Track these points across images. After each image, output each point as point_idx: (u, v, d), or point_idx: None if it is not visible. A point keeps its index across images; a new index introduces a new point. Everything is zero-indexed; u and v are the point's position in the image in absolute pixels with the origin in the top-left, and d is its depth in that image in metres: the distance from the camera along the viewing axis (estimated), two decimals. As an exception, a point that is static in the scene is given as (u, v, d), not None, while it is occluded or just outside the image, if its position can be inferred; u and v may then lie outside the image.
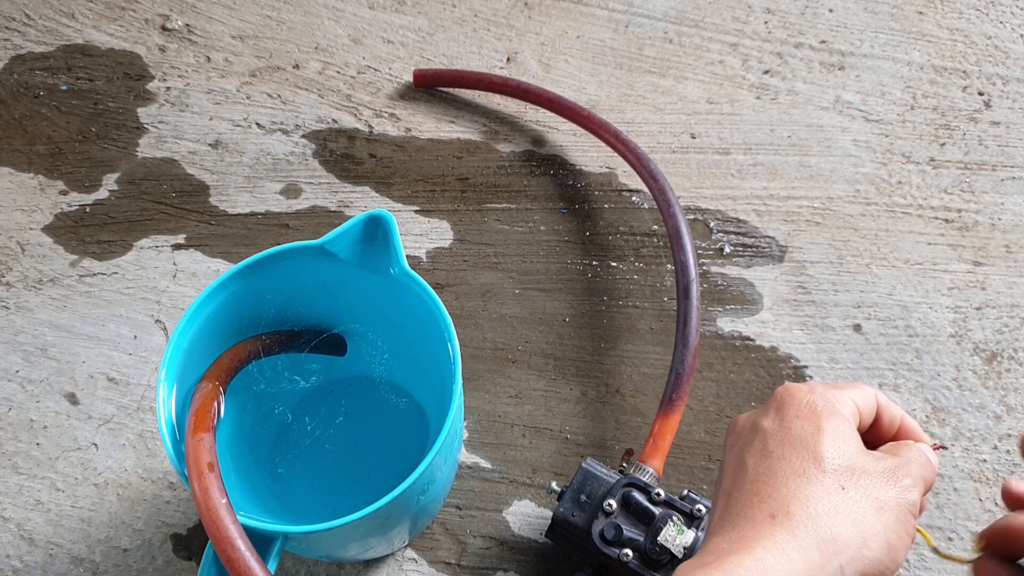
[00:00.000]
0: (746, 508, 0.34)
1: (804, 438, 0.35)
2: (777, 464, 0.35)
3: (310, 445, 0.55)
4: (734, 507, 0.34)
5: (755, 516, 0.33)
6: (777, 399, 0.38)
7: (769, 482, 0.34)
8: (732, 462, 0.37)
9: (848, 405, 0.37)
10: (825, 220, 0.66)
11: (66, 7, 0.79)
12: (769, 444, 0.36)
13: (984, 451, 0.57)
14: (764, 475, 0.35)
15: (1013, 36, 0.76)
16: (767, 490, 0.34)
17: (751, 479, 0.35)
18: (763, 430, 0.37)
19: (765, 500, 0.34)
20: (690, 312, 0.55)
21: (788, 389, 0.38)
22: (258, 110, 0.73)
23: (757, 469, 0.35)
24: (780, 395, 0.38)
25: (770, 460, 0.35)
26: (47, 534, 0.54)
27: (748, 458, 0.36)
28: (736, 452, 0.37)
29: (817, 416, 0.36)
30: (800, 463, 0.34)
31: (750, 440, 0.37)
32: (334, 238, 0.46)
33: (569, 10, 0.79)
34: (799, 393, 0.37)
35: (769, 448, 0.35)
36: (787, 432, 0.36)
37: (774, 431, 0.36)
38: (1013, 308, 0.62)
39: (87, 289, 0.64)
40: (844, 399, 0.37)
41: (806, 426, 0.36)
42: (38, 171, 0.70)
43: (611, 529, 0.46)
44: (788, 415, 0.36)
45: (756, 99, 0.73)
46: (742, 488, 0.35)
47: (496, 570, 0.53)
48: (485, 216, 0.67)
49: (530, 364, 0.60)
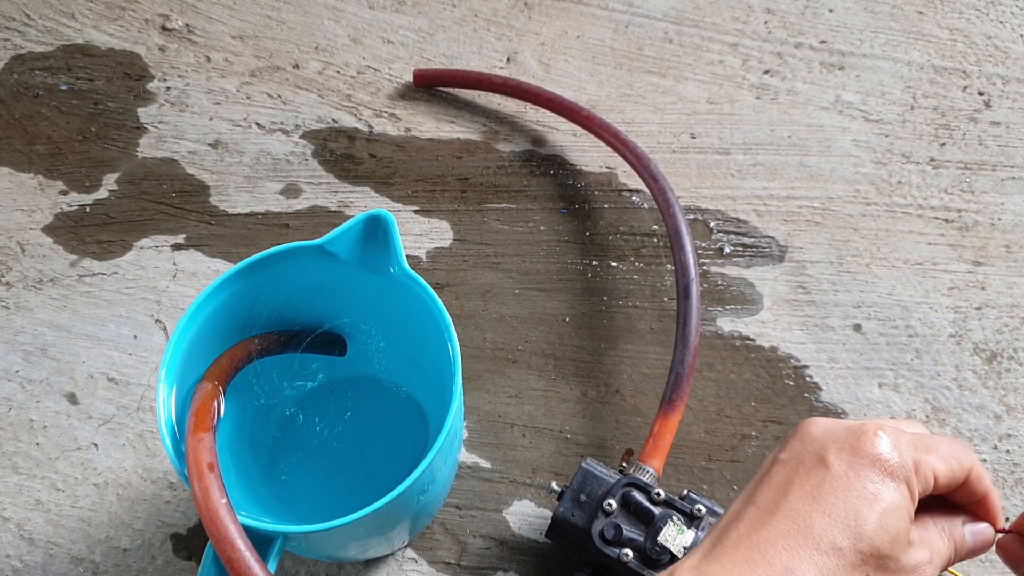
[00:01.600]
0: (769, 548, 0.32)
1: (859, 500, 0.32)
2: (819, 518, 0.32)
3: (310, 445, 0.55)
4: (759, 539, 0.32)
5: (774, 563, 0.31)
6: (860, 439, 0.33)
7: (804, 532, 0.32)
8: (781, 478, 0.34)
9: (925, 478, 0.34)
10: (825, 220, 0.66)
11: (66, 7, 0.79)
12: (824, 489, 0.32)
13: (984, 451, 0.57)
14: (802, 521, 0.32)
15: (1013, 36, 0.76)
16: (798, 539, 0.32)
17: (787, 515, 0.32)
18: (827, 467, 0.33)
19: (791, 551, 0.31)
20: (690, 312, 0.55)
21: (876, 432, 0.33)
22: (258, 110, 0.73)
23: (799, 508, 0.32)
24: (866, 436, 0.33)
25: (814, 508, 0.32)
26: (47, 534, 0.54)
27: (795, 489, 0.33)
28: (788, 467, 0.34)
29: (882, 478, 0.32)
30: (842, 530, 0.32)
31: (809, 470, 0.33)
32: (334, 238, 0.46)
33: (569, 10, 0.79)
34: (881, 444, 0.33)
35: (822, 494, 0.32)
36: (848, 486, 0.32)
37: (837, 476, 0.33)
38: (1013, 308, 0.62)
39: (87, 289, 0.64)
40: (924, 467, 0.33)
41: (868, 488, 0.32)
42: (38, 171, 0.70)
43: (611, 529, 0.46)
44: (859, 465, 0.33)
45: (756, 99, 0.73)
46: (775, 519, 0.32)
47: (496, 570, 0.53)
48: (485, 216, 0.67)
49: (530, 364, 0.60)
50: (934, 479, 0.34)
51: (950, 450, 0.35)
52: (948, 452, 0.35)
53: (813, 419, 0.36)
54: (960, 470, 0.35)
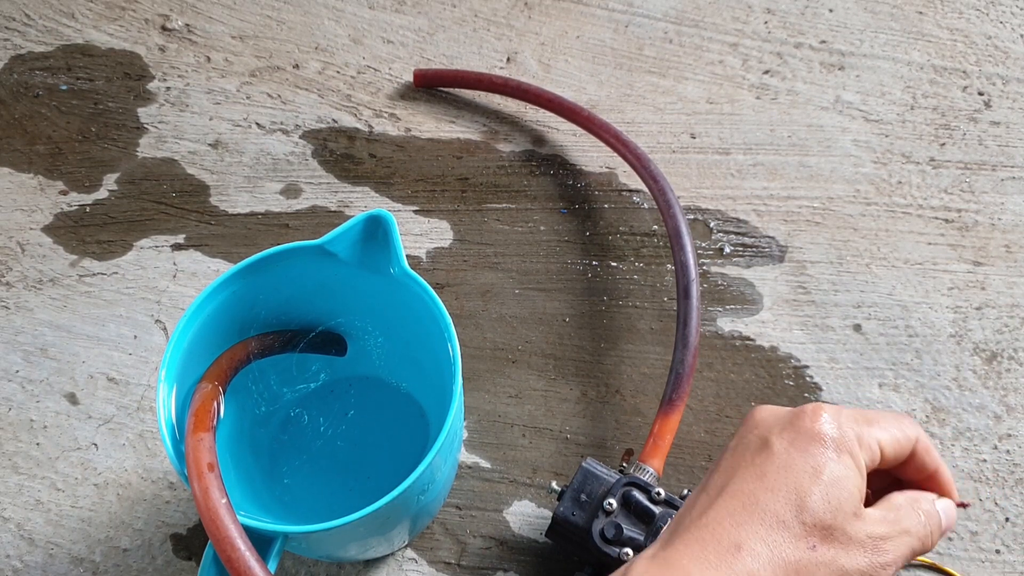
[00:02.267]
0: (717, 526, 0.33)
1: (800, 477, 0.33)
2: (763, 494, 0.33)
3: (310, 445, 0.55)
4: (708, 519, 0.33)
5: (723, 540, 0.32)
6: (799, 419, 0.35)
7: (749, 509, 0.33)
8: (728, 463, 0.35)
9: (869, 448, 0.35)
10: (825, 220, 0.66)
11: (66, 7, 0.79)
12: (767, 466, 0.34)
13: (984, 451, 0.57)
14: (748, 499, 0.33)
15: (1013, 36, 0.76)
16: (744, 516, 0.33)
17: (733, 494, 0.34)
18: (769, 447, 0.34)
19: (738, 527, 0.32)
20: (690, 312, 0.55)
21: (814, 412, 0.35)
22: (258, 110, 0.73)
23: (743, 488, 0.34)
24: (803, 416, 0.35)
25: (759, 485, 0.33)
26: (47, 534, 0.54)
27: (740, 470, 0.34)
28: (735, 454, 0.36)
29: (824, 456, 0.34)
30: (784, 503, 0.33)
31: (754, 452, 0.35)
32: (334, 238, 0.46)
33: (569, 10, 0.79)
34: (821, 421, 0.34)
35: (764, 471, 0.34)
36: (789, 462, 0.34)
37: (778, 454, 0.34)
38: (1013, 308, 0.62)
39: (87, 289, 0.64)
40: (867, 439, 0.35)
41: (809, 463, 0.33)
42: (38, 171, 0.70)
43: (611, 528, 0.46)
44: (799, 442, 0.34)
45: (756, 99, 0.73)
46: (721, 500, 0.34)
47: (496, 570, 0.53)
48: (485, 216, 0.67)
49: (530, 364, 0.60)
50: (879, 450, 0.35)
51: (893, 421, 0.36)
52: (891, 423, 0.36)
53: (759, 407, 0.37)
54: (905, 440, 0.36)
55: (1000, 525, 0.54)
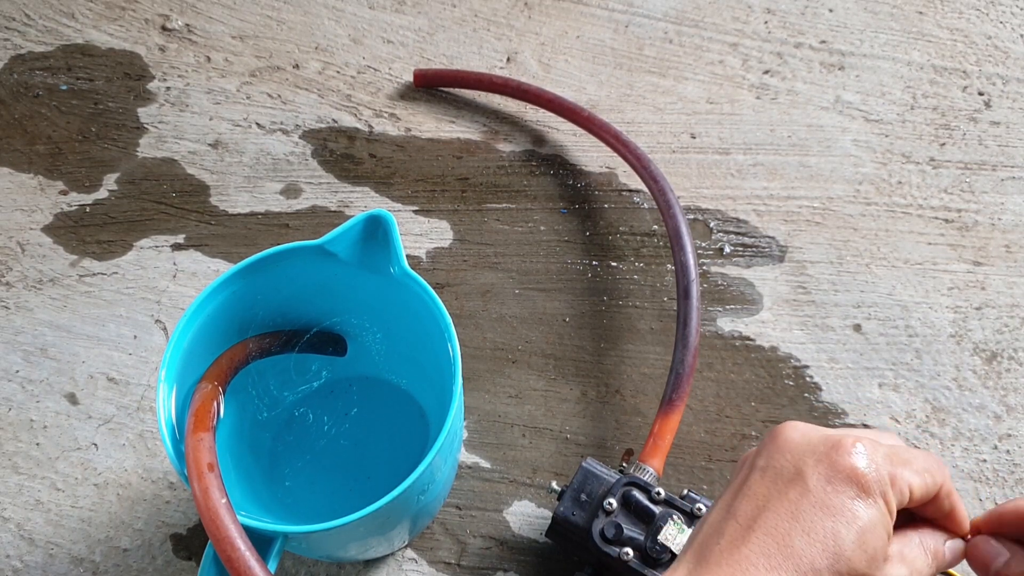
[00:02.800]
0: (750, 566, 0.32)
1: (837, 522, 0.32)
2: (799, 537, 0.32)
3: (310, 445, 0.55)
4: (742, 556, 0.32)
5: None
6: (837, 452, 0.33)
7: (783, 551, 0.32)
8: (760, 490, 0.34)
9: (901, 492, 0.33)
10: (825, 220, 0.66)
11: (66, 7, 0.79)
12: (803, 505, 0.32)
13: (984, 451, 0.57)
14: (782, 539, 0.32)
15: (1013, 36, 0.76)
16: (778, 559, 0.31)
17: (768, 532, 0.32)
18: (805, 483, 0.33)
19: (773, 570, 0.31)
20: (690, 312, 0.55)
21: (852, 446, 0.33)
22: (258, 110, 0.73)
23: (778, 526, 0.32)
24: (842, 449, 0.33)
25: (794, 525, 0.32)
26: (47, 534, 0.54)
27: (774, 504, 0.33)
28: (766, 480, 0.34)
29: (860, 499, 0.32)
30: (821, 551, 0.31)
31: (787, 484, 0.33)
32: (334, 238, 0.46)
33: (569, 10, 0.79)
34: (859, 458, 0.33)
35: (800, 511, 0.32)
36: (826, 503, 0.32)
37: (815, 492, 0.32)
38: (1013, 308, 0.62)
39: (87, 289, 0.64)
40: (900, 481, 0.33)
41: (846, 506, 0.32)
42: (38, 171, 0.70)
43: (611, 528, 0.46)
44: (837, 480, 0.32)
45: (756, 99, 0.73)
46: (754, 535, 0.32)
47: (496, 570, 0.53)
48: (485, 216, 0.67)
49: (530, 364, 0.60)
50: (910, 492, 0.34)
51: (924, 463, 0.35)
52: (922, 466, 0.35)
53: (790, 424, 0.36)
54: (933, 484, 0.35)
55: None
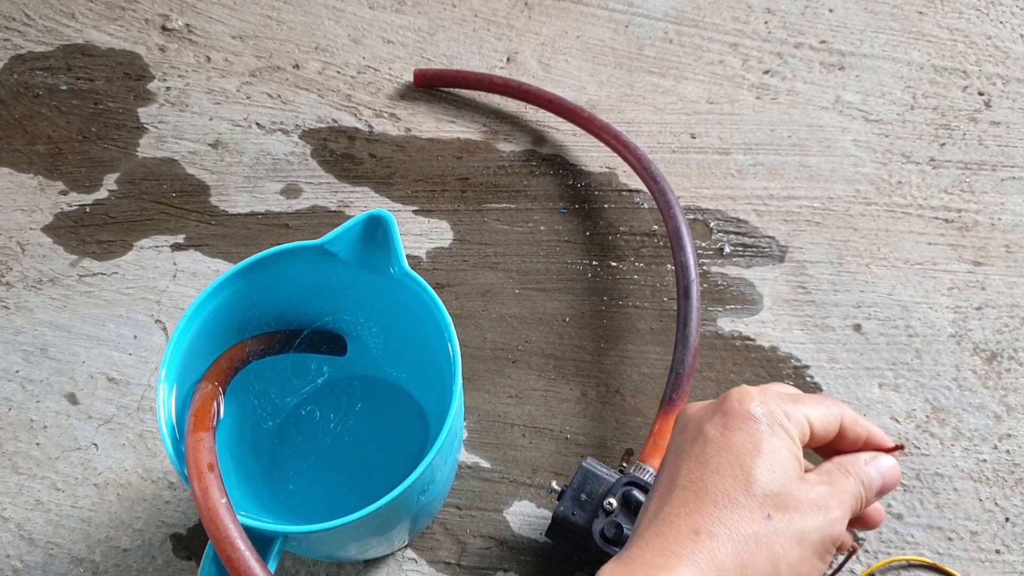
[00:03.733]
0: (674, 518, 0.34)
1: (741, 455, 0.34)
2: (710, 478, 0.34)
3: (310, 445, 0.55)
4: (664, 514, 0.34)
5: (681, 529, 0.33)
6: (726, 403, 0.36)
7: (699, 495, 0.34)
8: (671, 461, 0.36)
9: (798, 422, 0.36)
10: (825, 220, 0.66)
11: (66, 7, 0.79)
12: (707, 453, 0.35)
13: (984, 451, 0.57)
14: (696, 486, 0.34)
15: (1013, 36, 0.76)
16: (696, 503, 0.34)
17: (683, 486, 0.35)
18: (704, 435, 0.36)
19: (692, 514, 0.33)
20: (690, 312, 0.55)
21: (740, 395, 0.36)
22: (258, 110, 0.73)
23: (690, 477, 0.35)
24: (730, 400, 0.36)
25: (703, 471, 0.35)
26: (47, 534, 0.54)
27: (684, 463, 0.35)
28: (675, 451, 0.37)
29: (758, 432, 0.35)
30: (732, 482, 0.34)
31: (691, 443, 0.36)
32: (334, 238, 0.46)
33: (569, 10, 0.79)
34: (748, 402, 0.36)
35: (706, 457, 0.35)
36: (726, 444, 0.35)
37: (714, 439, 0.35)
38: (1013, 308, 0.62)
39: (87, 289, 0.64)
40: (795, 415, 0.36)
41: (746, 441, 0.35)
42: (38, 171, 0.70)
43: (612, 528, 0.46)
44: (732, 424, 0.35)
45: (756, 99, 0.73)
46: (672, 494, 0.35)
47: (496, 570, 0.53)
48: (485, 216, 0.67)
49: (530, 364, 0.60)
50: (808, 424, 0.36)
51: (817, 400, 0.37)
52: (815, 400, 0.37)
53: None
54: (831, 415, 0.37)
55: (1000, 525, 0.54)
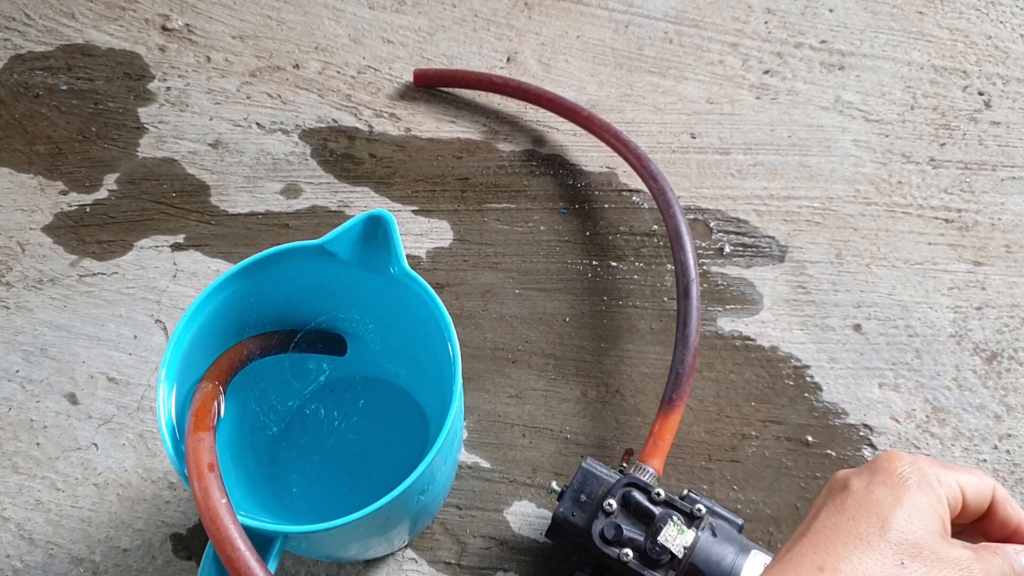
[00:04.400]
0: (800, 557, 0.34)
1: (880, 505, 0.34)
2: (845, 524, 0.34)
3: (310, 445, 0.55)
4: (792, 555, 0.34)
5: (804, 565, 0.33)
6: (875, 462, 0.37)
7: (831, 537, 0.34)
8: (811, 511, 0.37)
9: (949, 486, 0.35)
10: (825, 220, 0.66)
11: (66, 7, 0.79)
12: (848, 503, 0.35)
13: (984, 451, 0.57)
14: (830, 531, 0.34)
15: (1013, 36, 0.76)
16: (826, 544, 0.34)
17: (817, 530, 0.35)
18: (848, 489, 0.36)
19: (820, 553, 0.33)
20: (690, 312, 0.55)
21: (889, 456, 0.36)
22: (258, 110, 0.73)
23: (826, 523, 0.35)
24: (879, 459, 0.37)
25: (840, 517, 0.35)
26: (47, 534, 0.54)
27: (823, 511, 0.36)
28: (818, 503, 0.37)
29: (903, 487, 0.35)
30: (866, 527, 0.34)
31: (834, 496, 0.36)
32: (334, 238, 0.46)
33: (569, 10, 0.79)
34: (897, 462, 0.36)
35: (846, 506, 0.35)
36: (869, 496, 0.35)
37: (857, 492, 0.35)
38: (1013, 308, 0.62)
39: (87, 289, 0.64)
40: (947, 479, 0.36)
41: (887, 494, 0.34)
42: (38, 171, 0.70)
43: (611, 529, 0.46)
44: (877, 479, 0.35)
45: (756, 99, 0.73)
46: (805, 537, 0.35)
47: (496, 570, 0.53)
48: (485, 216, 0.67)
49: (530, 364, 0.60)
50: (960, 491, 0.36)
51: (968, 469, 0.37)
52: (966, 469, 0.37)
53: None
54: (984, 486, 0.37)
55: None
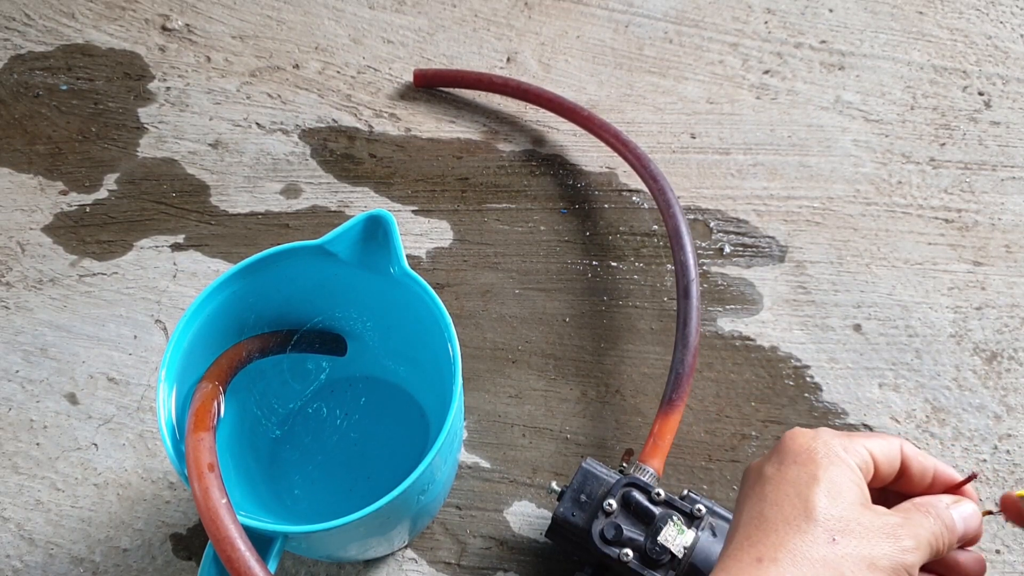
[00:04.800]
0: (736, 551, 0.34)
1: (798, 485, 0.35)
2: (769, 510, 0.35)
3: (310, 445, 0.55)
4: (729, 551, 0.35)
5: (743, 559, 0.33)
6: (781, 444, 0.37)
7: (760, 527, 0.34)
8: (736, 507, 0.37)
9: (858, 453, 0.36)
10: (825, 220, 0.66)
11: (66, 7, 0.79)
12: (766, 489, 0.35)
13: (984, 451, 0.57)
14: (756, 520, 0.35)
15: (1013, 36, 0.76)
16: (757, 534, 0.34)
17: (744, 523, 0.35)
18: (763, 475, 0.36)
19: (755, 544, 0.34)
20: (690, 312, 0.55)
21: (792, 434, 0.37)
22: (258, 110, 0.73)
23: (751, 513, 0.35)
24: (784, 440, 0.37)
25: (763, 505, 0.35)
26: (47, 534, 0.54)
27: (745, 503, 0.36)
28: (740, 497, 0.37)
29: (815, 463, 0.35)
30: (791, 510, 0.34)
31: (752, 486, 0.37)
32: (334, 238, 0.46)
33: (569, 10, 0.79)
34: (801, 439, 0.36)
35: (765, 493, 0.35)
36: (783, 478, 0.35)
37: (771, 476, 0.36)
38: (1013, 308, 0.62)
39: (87, 289, 0.64)
40: (854, 447, 0.36)
41: (801, 473, 0.35)
42: (38, 171, 0.70)
43: (611, 529, 0.46)
44: (787, 461, 0.36)
45: (756, 99, 0.73)
46: (736, 532, 0.35)
47: (496, 570, 0.53)
48: (485, 216, 0.67)
49: (530, 364, 0.60)
50: (870, 454, 0.36)
51: (874, 435, 0.37)
52: (872, 435, 0.37)
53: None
54: (891, 447, 0.37)
55: (1000, 525, 0.54)
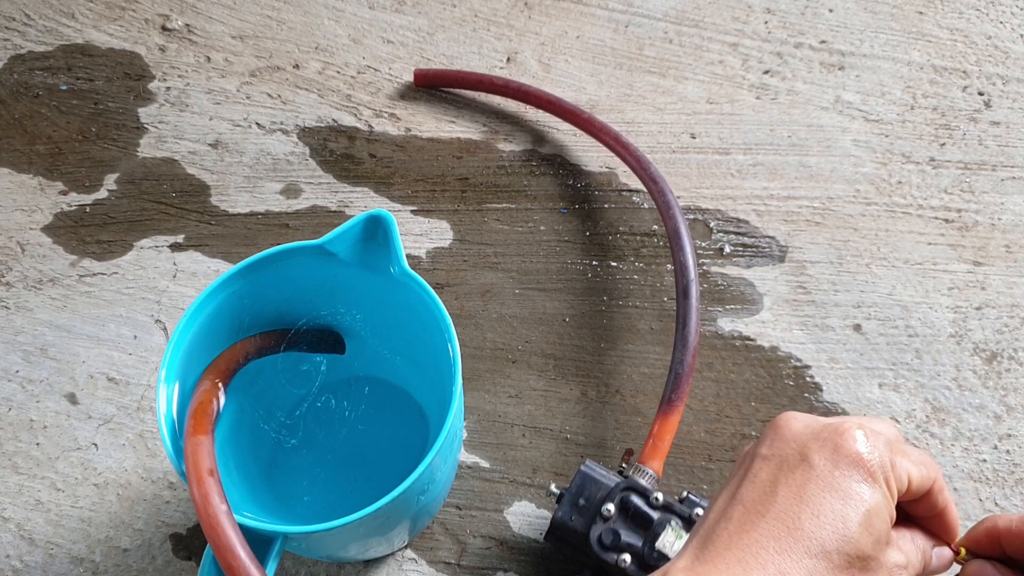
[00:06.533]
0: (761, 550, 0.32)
1: (847, 504, 0.32)
2: (809, 520, 0.32)
3: (310, 445, 0.55)
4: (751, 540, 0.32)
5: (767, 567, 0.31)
6: (841, 438, 0.34)
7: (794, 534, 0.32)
8: (766, 475, 0.34)
9: (900, 479, 0.34)
10: (825, 220, 0.66)
11: (66, 7, 0.79)
12: (809, 488, 0.33)
13: (984, 451, 0.57)
14: (792, 522, 0.32)
15: (1013, 36, 0.76)
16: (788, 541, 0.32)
17: (776, 516, 0.32)
18: (810, 465, 0.33)
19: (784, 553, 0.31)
20: (690, 312, 0.55)
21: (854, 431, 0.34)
22: (258, 110, 0.73)
23: (786, 508, 0.32)
24: (846, 434, 0.34)
25: (802, 507, 0.32)
26: (47, 534, 0.54)
27: (781, 487, 0.33)
28: (773, 466, 0.34)
29: (868, 482, 0.33)
30: (831, 533, 0.32)
31: (792, 468, 0.34)
32: (334, 238, 0.46)
33: (569, 10, 0.79)
34: (861, 443, 0.33)
35: (808, 494, 0.32)
36: (833, 485, 0.33)
37: (822, 475, 0.33)
38: (1013, 308, 0.62)
39: (87, 289, 0.64)
40: (900, 470, 0.34)
41: (852, 489, 0.32)
42: (38, 171, 0.70)
43: (609, 534, 0.46)
44: (843, 463, 0.33)
45: (756, 99, 0.73)
46: (764, 519, 0.32)
47: (496, 570, 0.53)
48: (485, 216, 0.67)
49: (530, 364, 0.60)
50: (908, 481, 0.35)
51: (920, 455, 0.35)
52: (918, 458, 0.35)
53: (791, 414, 0.36)
54: (928, 477, 0.35)
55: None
